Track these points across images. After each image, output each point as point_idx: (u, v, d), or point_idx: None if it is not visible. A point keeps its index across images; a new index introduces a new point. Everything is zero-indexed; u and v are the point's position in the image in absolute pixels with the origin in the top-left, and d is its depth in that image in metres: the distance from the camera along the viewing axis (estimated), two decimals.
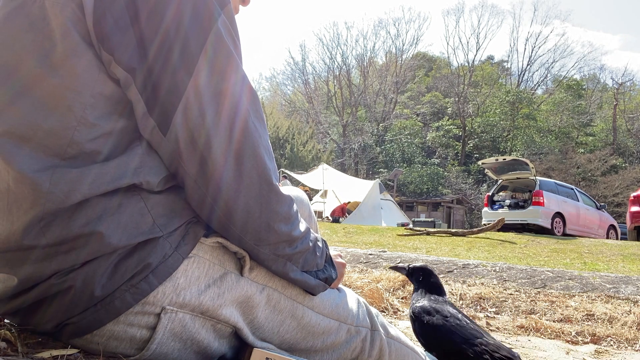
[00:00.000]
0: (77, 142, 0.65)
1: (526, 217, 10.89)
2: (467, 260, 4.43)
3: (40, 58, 0.65)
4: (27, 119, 0.65)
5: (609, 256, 5.95)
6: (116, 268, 0.68)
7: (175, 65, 0.66)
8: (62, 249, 0.66)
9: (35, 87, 0.65)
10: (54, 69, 0.65)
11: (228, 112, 0.68)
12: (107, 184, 0.67)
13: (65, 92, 0.65)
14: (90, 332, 0.69)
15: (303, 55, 55.35)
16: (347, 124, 38.97)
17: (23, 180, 0.64)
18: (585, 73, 44.35)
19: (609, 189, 29.30)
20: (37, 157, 0.65)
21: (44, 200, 0.64)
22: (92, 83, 0.66)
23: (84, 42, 0.65)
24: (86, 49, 0.65)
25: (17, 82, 0.66)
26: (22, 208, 0.65)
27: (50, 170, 0.65)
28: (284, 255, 0.79)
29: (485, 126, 37.99)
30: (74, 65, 0.65)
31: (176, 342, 0.74)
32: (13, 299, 0.70)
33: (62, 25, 0.64)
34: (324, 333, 0.90)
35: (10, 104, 0.66)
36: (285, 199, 0.76)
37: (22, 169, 0.64)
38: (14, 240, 0.66)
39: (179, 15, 0.66)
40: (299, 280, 0.83)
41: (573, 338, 2.11)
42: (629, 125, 37.41)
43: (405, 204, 30.20)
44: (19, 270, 0.67)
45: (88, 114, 0.66)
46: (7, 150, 0.65)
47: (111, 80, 0.67)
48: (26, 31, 0.65)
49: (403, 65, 42.60)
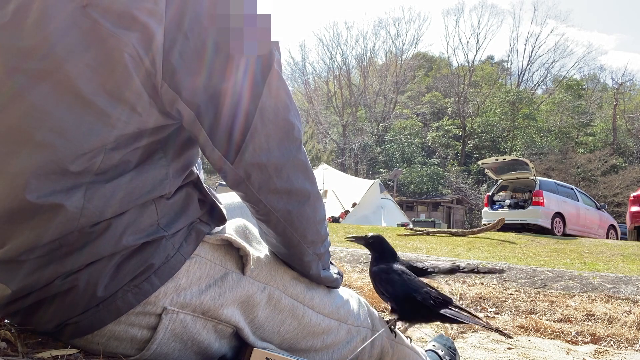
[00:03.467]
0: (111, 158, 0.65)
1: (526, 217, 10.89)
2: (467, 260, 4.43)
3: (95, 84, 0.61)
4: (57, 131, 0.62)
5: (609, 256, 5.95)
6: (119, 269, 0.68)
7: (240, 100, 0.67)
8: (62, 252, 0.66)
9: (83, 109, 0.62)
10: (106, 99, 0.62)
11: (286, 136, 0.73)
12: (137, 198, 0.67)
13: (104, 126, 0.63)
14: (92, 332, 0.69)
15: (303, 55, 55.59)
16: (347, 124, 38.97)
17: (50, 203, 0.62)
18: (585, 73, 44.42)
19: (609, 189, 29.30)
20: (65, 177, 0.63)
21: (77, 221, 0.64)
22: (136, 119, 0.65)
23: (141, 85, 0.63)
24: (142, 89, 0.63)
25: (64, 104, 0.61)
26: (38, 227, 0.63)
27: (84, 188, 0.64)
28: (319, 255, 0.85)
29: (485, 126, 37.99)
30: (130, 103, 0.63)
31: (177, 342, 0.74)
32: (13, 303, 0.70)
33: (122, 61, 0.60)
34: (324, 333, 0.90)
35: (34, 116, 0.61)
36: (320, 198, 0.82)
37: (44, 194, 0.62)
38: (13, 255, 0.65)
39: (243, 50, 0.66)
40: (326, 278, 0.90)
41: (573, 338, 2.11)
42: (629, 125, 37.41)
43: (405, 204, 30.19)
44: (12, 283, 0.67)
45: (118, 143, 0.65)
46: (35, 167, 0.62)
47: (158, 114, 0.66)
48: (83, 50, 0.60)
49: (403, 65, 42.61)
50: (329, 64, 43.50)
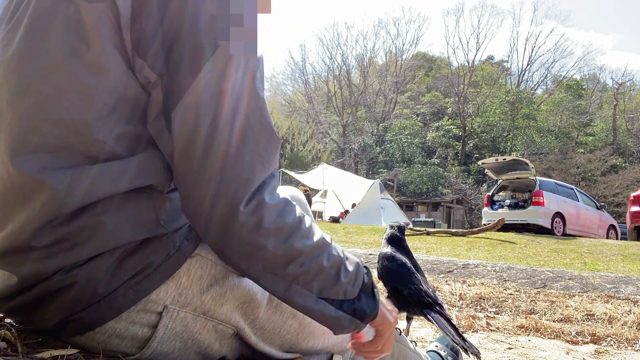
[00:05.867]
0: (99, 142, 0.66)
1: (526, 217, 10.90)
2: (467, 260, 4.44)
3: (74, 60, 0.65)
4: (55, 116, 0.65)
5: (609, 256, 5.95)
6: (120, 265, 0.68)
7: (184, 68, 0.65)
8: (65, 245, 0.66)
9: (68, 87, 0.65)
10: (87, 71, 0.65)
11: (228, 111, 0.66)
12: (127, 183, 0.67)
13: (95, 94, 0.65)
14: (93, 329, 0.70)
15: (303, 55, 55.69)
16: (347, 124, 38.96)
17: (37, 181, 0.64)
18: (585, 73, 44.40)
19: (609, 189, 29.30)
20: (57, 157, 0.65)
21: (61, 200, 0.64)
22: (121, 87, 0.66)
23: (116, 49, 0.65)
24: (118, 55, 0.65)
25: (49, 83, 0.65)
26: (29, 208, 0.65)
27: (71, 169, 0.65)
28: (286, 275, 0.68)
29: (485, 126, 37.99)
30: (107, 69, 0.65)
31: (177, 341, 0.74)
32: (15, 296, 0.70)
33: (96, 30, 0.64)
34: (324, 333, 0.90)
35: (41, 102, 0.65)
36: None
37: (33, 171, 0.64)
38: (23, 238, 0.66)
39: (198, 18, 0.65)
40: (310, 309, 0.72)
41: (573, 338, 2.11)
42: (629, 125, 37.41)
43: (405, 204, 30.19)
44: (20, 270, 0.68)
45: (112, 117, 0.66)
46: (30, 152, 0.65)
47: (137, 84, 0.67)
48: (61, 32, 0.65)
49: (403, 65, 42.60)
50: (329, 64, 43.54)
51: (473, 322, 2.27)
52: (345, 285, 0.73)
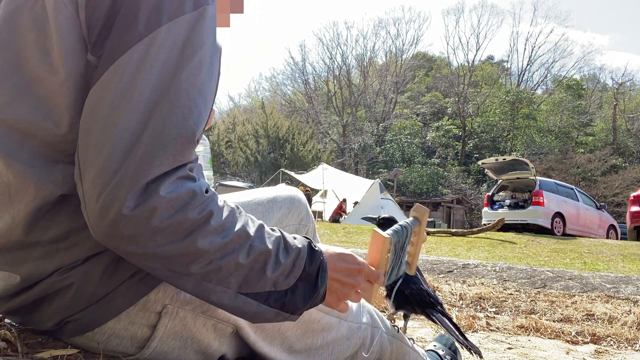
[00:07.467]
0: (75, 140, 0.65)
1: (526, 217, 10.89)
2: (467, 260, 4.44)
3: (41, 57, 0.65)
4: (29, 116, 0.65)
5: (609, 256, 5.95)
6: (118, 265, 0.68)
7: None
8: (64, 245, 0.66)
9: (37, 85, 0.65)
10: (54, 68, 0.65)
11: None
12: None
13: (63, 92, 0.65)
14: (92, 330, 0.70)
15: (303, 55, 55.46)
16: (347, 124, 38.95)
17: (24, 176, 0.65)
18: (585, 73, 44.38)
19: (609, 189, 29.28)
20: (39, 154, 0.66)
21: (44, 191, 0.65)
22: (87, 84, 0.66)
23: (79, 44, 0.65)
24: (81, 51, 0.65)
25: (19, 80, 0.66)
26: (23, 201, 0.66)
27: (53, 165, 0.65)
28: (191, 274, 0.61)
29: (485, 126, 37.98)
30: (71, 65, 0.65)
31: (176, 340, 0.74)
32: (14, 297, 0.70)
33: (60, 26, 0.64)
34: (324, 330, 0.90)
35: (13, 101, 0.66)
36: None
37: (23, 166, 0.65)
38: (16, 235, 0.66)
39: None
40: (227, 306, 0.65)
41: (573, 338, 2.11)
42: (628, 125, 37.40)
43: (405, 204, 30.14)
44: (20, 268, 0.68)
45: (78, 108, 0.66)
46: (9, 148, 0.65)
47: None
48: (29, 30, 0.65)
49: (403, 65, 42.59)
50: (329, 64, 43.49)
51: (473, 322, 2.27)
52: (275, 278, 0.66)
